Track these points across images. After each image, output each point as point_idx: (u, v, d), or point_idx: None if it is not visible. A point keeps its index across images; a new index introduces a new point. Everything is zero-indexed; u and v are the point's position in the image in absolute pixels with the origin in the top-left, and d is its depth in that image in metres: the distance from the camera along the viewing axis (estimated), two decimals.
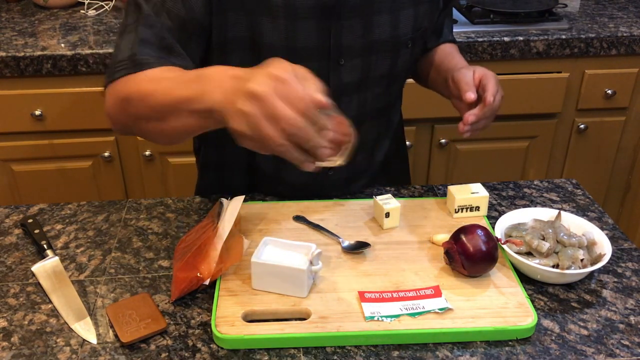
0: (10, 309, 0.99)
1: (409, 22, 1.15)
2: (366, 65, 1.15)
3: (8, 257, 1.10)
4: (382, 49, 1.14)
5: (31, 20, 2.06)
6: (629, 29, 2.00)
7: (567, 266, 1.00)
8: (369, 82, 1.17)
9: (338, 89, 1.14)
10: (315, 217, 1.16)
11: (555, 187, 1.29)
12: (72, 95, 1.87)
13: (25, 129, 1.92)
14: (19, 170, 1.99)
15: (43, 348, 0.92)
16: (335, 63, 1.12)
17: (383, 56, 1.15)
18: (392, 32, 1.13)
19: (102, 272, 1.06)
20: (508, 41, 1.93)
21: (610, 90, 2.04)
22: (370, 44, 1.12)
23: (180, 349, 0.91)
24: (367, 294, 0.98)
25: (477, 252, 0.99)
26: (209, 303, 0.99)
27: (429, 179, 2.16)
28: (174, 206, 1.23)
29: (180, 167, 2.02)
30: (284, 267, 0.96)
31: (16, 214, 1.21)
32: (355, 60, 1.13)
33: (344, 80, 1.14)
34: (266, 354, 0.91)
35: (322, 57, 1.10)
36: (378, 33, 1.12)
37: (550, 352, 0.91)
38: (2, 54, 1.80)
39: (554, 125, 2.10)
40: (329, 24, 1.08)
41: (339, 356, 0.91)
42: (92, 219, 1.19)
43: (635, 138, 2.17)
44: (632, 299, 1.01)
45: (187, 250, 1.04)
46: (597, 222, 1.17)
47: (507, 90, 1.99)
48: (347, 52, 1.12)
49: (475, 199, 1.15)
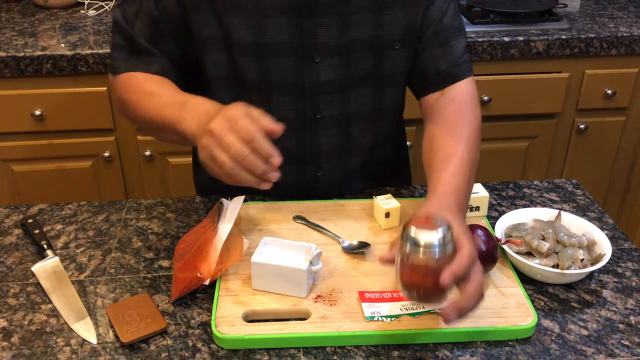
0: (10, 309, 0.99)
1: (397, 23, 1.12)
2: (345, 65, 1.13)
3: (8, 257, 1.10)
4: (362, 48, 1.13)
5: (31, 20, 2.06)
6: (629, 29, 2.00)
7: (567, 266, 1.00)
8: (351, 82, 1.16)
9: (315, 87, 1.14)
10: (315, 217, 1.16)
11: (555, 187, 1.29)
12: (72, 95, 1.87)
13: (25, 129, 1.92)
14: (19, 170, 1.99)
15: (43, 348, 0.92)
16: (310, 61, 1.12)
17: (364, 56, 1.14)
18: (373, 32, 1.11)
19: (102, 272, 1.06)
20: (508, 41, 1.92)
21: (610, 90, 2.04)
22: (348, 43, 1.11)
23: (180, 349, 0.91)
24: (367, 294, 0.98)
25: (477, 252, 0.98)
26: (209, 303, 0.99)
27: None
28: (174, 206, 1.23)
29: (180, 167, 2.02)
30: (284, 267, 0.96)
31: (16, 214, 1.21)
32: (333, 58, 1.12)
33: (322, 79, 1.13)
34: (266, 354, 0.91)
35: (296, 54, 1.11)
36: (356, 32, 1.11)
37: (550, 352, 0.91)
38: (2, 54, 1.80)
39: (554, 125, 2.10)
40: (301, 22, 1.08)
41: (339, 356, 0.91)
42: (92, 219, 1.19)
43: (635, 138, 2.17)
44: (632, 299, 1.00)
45: (187, 250, 1.04)
46: (597, 222, 1.17)
47: (507, 90, 2.01)
48: (322, 50, 1.11)
49: (475, 199, 1.15)
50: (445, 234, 0.77)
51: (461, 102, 1.14)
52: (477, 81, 1.95)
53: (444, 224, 0.78)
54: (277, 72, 1.12)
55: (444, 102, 1.15)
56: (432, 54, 1.16)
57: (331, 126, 1.19)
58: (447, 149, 1.06)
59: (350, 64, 1.14)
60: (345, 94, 1.16)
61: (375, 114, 1.22)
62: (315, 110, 1.16)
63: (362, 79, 1.16)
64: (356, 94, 1.17)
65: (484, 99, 1.99)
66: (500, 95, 2.01)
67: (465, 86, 1.17)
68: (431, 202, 0.96)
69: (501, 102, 2.02)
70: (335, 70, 1.13)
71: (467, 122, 1.11)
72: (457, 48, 1.16)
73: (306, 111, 1.16)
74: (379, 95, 1.19)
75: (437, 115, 1.15)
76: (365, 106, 1.19)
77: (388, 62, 1.16)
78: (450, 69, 1.16)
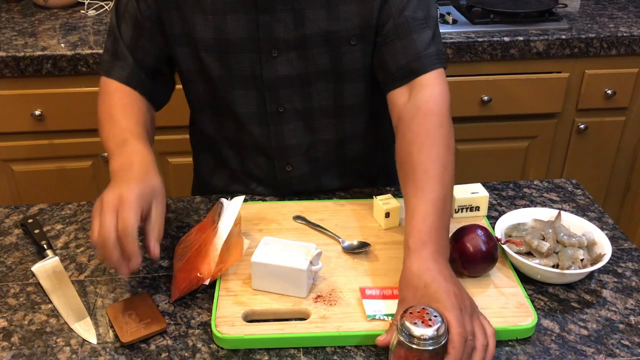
0: (10, 309, 0.99)
1: (352, 18, 1.11)
2: (303, 59, 1.14)
3: (8, 257, 1.10)
4: (318, 43, 1.13)
5: (31, 20, 2.06)
6: (629, 29, 2.00)
7: (567, 266, 1.00)
8: (310, 76, 1.16)
9: (274, 81, 1.16)
10: (315, 217, 1.16)
11: (555, 187, 1.29)
12: (72, 95, 1.87)
13: (25, 129, 1.92)
14: (19, 170, 1.99)
15: (43, 348, 0.92)
16: (268, 55, 1.13)
17: (320, 51, 1.14)
18: (328, 27, 1.11)
19: (102, 272, 1.06)
20: (508, 41, 1.93)
21: (610, 90, 2.04)
22: (303, 38, 1.12)
23: (180, 349, 0.91)
24: (368, 291, 0.98)
25: (477, 252, 0.99)
26: (209, 303, 0.99)
27: None
28: (174, 206, 1.23)
29: (180, 167, 2.02)
30: (284, 267, 0.96)
31: (16, 214, 1.21)
32: (291, 53, 1.13)
33: (280, 73, 1.15)
34: (266, 354, 0.91)
35: (254, 49, 1.13)
36: (311, 27, 1.11)
37: (550, 352, 0.91)
38: (2, 54, 1.80)
39: (554, 125, 2.10)
40: (257, 17, 1.10)
41: (339, 356, 0.91)
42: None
43: (635, 138, 2.17)
44: (632, 299, 1.00)
45: (187, 251, 1.04)
46: (597, 222, 1.17)
47: (507, 90, 2.01)
48: (279, 45, 1.12)
49: (475, 199, 1.15)
50: (439, 328, 0.81)
51: (426, 112, 1.07)
52: (477, 81, 1.98)
53: (439, 320, 0.82)
54: (237, 67, 1.15)
55: (411, 112, 1.08)
56: (393, 48, 1.12)
57: (295, 120, 1.20)
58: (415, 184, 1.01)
59: (308, 59, 1.14)
60: (305, 88, 1.17)
61: (338, 109, 1.21)
62: (277, 104, 1.18)
63: (321, 74, 1.16)
64: (317, 89, 1.18)
65: (484, 99, 1.99)
66: (500, 95, 2.01)
67: (431, 90, 1.09)
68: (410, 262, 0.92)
69: (501, 102, 2.02)
70: (294, 64, 1.14)
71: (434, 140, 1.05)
72: (421, 41, 1.10)
73: (268, 105, 1.18)
74: (340, 90, 1.19)
75: (406, 129, 1.08)
76: (327, 101, 1.20)
77: (346, 58, 1.15)
78: (411, 63, 1.10)
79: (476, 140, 2.09)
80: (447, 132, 1.07)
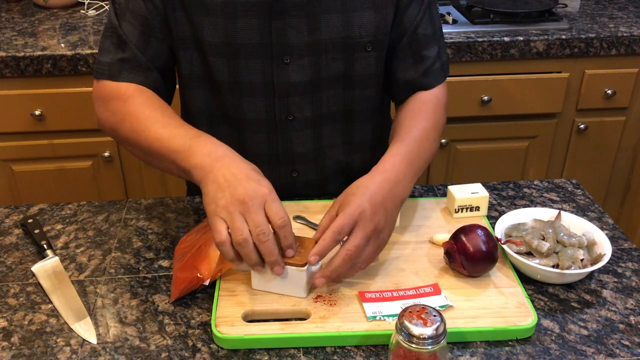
0: (10, 309, 0.99)
1: (368, 25, 1.12)
2: (316, 66, 1.13)
3: (8, 257, 1.10)
4: (332, 49, 1.12)
5: (31, 20, 2.06)
6: (629, 29, 2.00)
7: (567, 266, 1.00)
8: (322, 83, 1.15)
9: (285, 88, 1.14)
10: (315, 217, 1.16)
11: (555, 187, 1.29)
12: (72, 95, 1.87)
13: (25, 129, 1.92)
14: (19, 170, 1.99)
15: (43, 348, 0.92)
16: (280, 61, 1.11)
17: (334, 57, 1.13)
18: (344, 33, 1.11)
19: (102, 272, 1.06)
20: (508, 41, 1.93)
21: (610, 90, 2.04)
22: (318, 44, 1.11)
23: (180, 349, 0.91)
24: (367, 294, 0.98)
25: (477, 252, 0.99)
26: (209, 303, 0.99)
27: (429, 179, 2.16)
28: (174, 206, 1.23)
29: None
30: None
31: (16, 214, 1.21)
32: (303, 59, 1.12)
33: (292, 80, 1.13)
34: (266, 354, 0.91)
35: (266, 55, 1.10)
36: (326, 33, 1.10)
37: (550, 352, 0.91)
38: (2, 54, 1.80)
39: (554, 125, 2.10)
40: (270, 22, 1.08)
41: (339, 356, 0.91)
42: (92, 219, 1.19)
43: (635, 138, 2.17)
44: (632, 299, 1.01)
45: (187, 251, 1.04)
46: (597, 222, 1.17)
47: (507, 90, 2.01)
48: (292, 51, 1.11)
49: (475, 199, 1.15)
50: (438, 327, 0.81)
51: (425, 100, 1.19)
52: (477, 81, 1.99)
53: (438, 319, 0.82)
54: (247, 73, 1.12)
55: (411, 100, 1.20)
56: (404, 63, 1.19)
57: (304, 128, 1.19)
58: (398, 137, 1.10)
59: (321, 65, 1.13)
60: (316, 95, 1.16)
61: (347, 115, 1.21)
62: (287, 112, 1.16)
63: (333, 80, 1.16)
64: (327, 95, 1.17)
65: (484, 99, 1.99)
66: (500, 95, 2.01)
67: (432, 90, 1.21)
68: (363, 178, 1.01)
69: (501, 102, 2.02)
70: (306, 71, 1.13)
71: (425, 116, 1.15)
72: (429, 58, 1.19)
73: (277, 113, 1.16)
74: (350, 96, 1.19)
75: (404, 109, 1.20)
76: (337, 107, 1.19)
77: (359, 64, 1.15)
78: (420, 78, 1.19)
79: (476, 140, 2.09)
80: (440, 118, 1.18)
